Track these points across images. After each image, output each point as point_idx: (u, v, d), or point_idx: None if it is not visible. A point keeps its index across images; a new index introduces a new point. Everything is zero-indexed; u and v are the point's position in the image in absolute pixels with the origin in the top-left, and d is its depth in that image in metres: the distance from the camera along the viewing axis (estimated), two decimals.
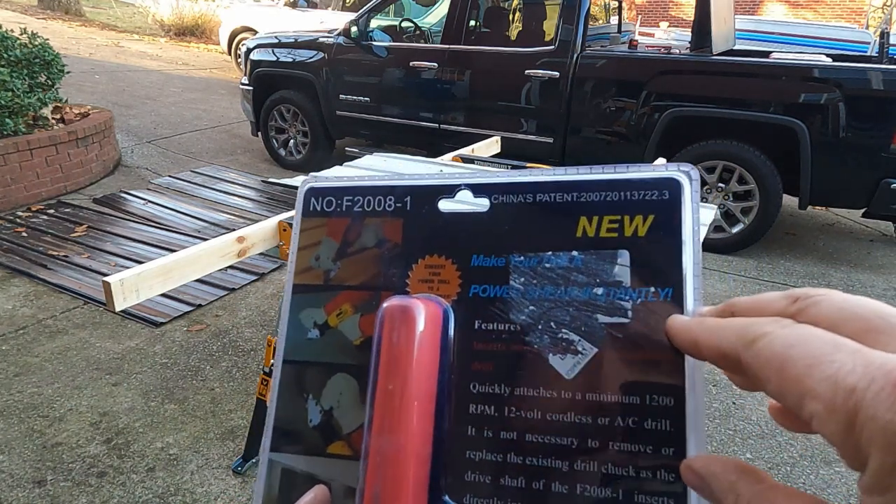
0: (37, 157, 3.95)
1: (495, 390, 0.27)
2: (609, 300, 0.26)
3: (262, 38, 5.46)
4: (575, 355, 0.26)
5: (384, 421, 0.26)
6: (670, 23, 11.80)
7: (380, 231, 0.31)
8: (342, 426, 0.29)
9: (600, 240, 0.27)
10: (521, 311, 0.27)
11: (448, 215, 0.30)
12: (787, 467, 2.11)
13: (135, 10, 14.78)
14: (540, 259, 0.28)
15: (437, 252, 0.30)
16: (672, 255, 0.26)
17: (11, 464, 1.94)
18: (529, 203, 0.29)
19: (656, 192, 0.27)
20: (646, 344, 0.26)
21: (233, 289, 3.12)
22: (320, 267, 0.32)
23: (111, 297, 1.32)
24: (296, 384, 0.30)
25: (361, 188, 0.32)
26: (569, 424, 0.26)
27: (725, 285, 3.51)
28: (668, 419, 0.25)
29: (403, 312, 0.27)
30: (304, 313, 0.31)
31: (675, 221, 0.27)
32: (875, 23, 11.34)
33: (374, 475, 0.25)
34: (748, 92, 3.66)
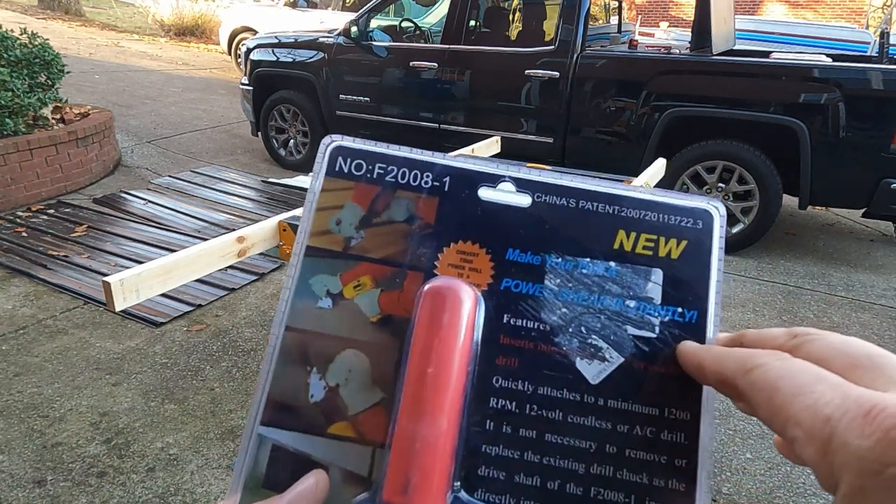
0: (37, 157, 3.95)
1: (518, 387, 0.27)
2: (639, 314, 0.27)
3: (262, 38, 5.46)
4: (602, 362, 0.27)
5: (422, 405, 0.25)
6: (670, 23, 11.80)
7: (412, 206, 0.30)
8: (348, 406, 0.27)
9: (636, 255, 0.28)
10: (553, 312, 0.28)
11: (487, 204, 0.29)
12: (788, 467, 2.11)
13: (135, 10, 14.78)
14: (577, 264, 0.28)
15: (471, 239, 0.29)
16: (700, 281, 0.28)
17: (11, 464, 1.94)
18: (572, 207, 0.29)
19: (691, 219, 0.28)
20: (669, 359, 0.27)
21: (233, 289, 3.12)
22: (341, 232, 0.30)
23: (111, 297, 1.32)
24: (298, 354, 0.28)
25: (398, 158, 0.30)
26: (589, 428, 0.26)
27: (725, 285, 3.51)
28: (683, 432, 0.26)
29: (452, 293, 0.26)
30: (316, 279, 0.29)
31: (705, 249, 0.28)
32: (875, 23, 11.34)
33: (406, 461, 0.24)
34: (748, 92, 3.66)
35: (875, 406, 0.20)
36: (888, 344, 2.94)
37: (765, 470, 2.09)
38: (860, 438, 0.19)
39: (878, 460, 0.18)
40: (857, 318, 3.19)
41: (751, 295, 3.40)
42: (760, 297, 3.37)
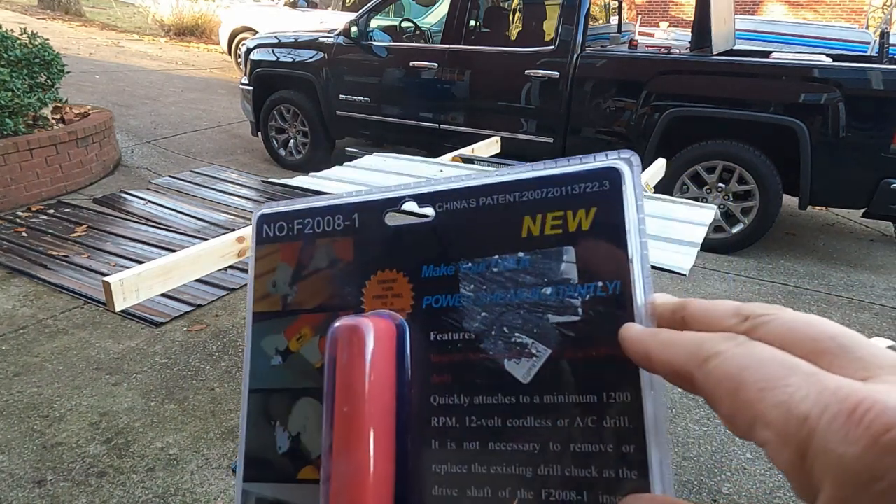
0: (37, 157, 3.95)
1: (455, 401, 0.27)
2: (558, 299, 0.26)
3: (262, 38, 5.46)
4: (529, 359, 0.26)
5: (342, 444, 0.25)
6: (670, 23, 11.80)
7: (331, 251, 0.30)
8: (310, 450, 0.29)
9: (545, 238, 0.27)
10: (474, 319, 0.27)
11: (395, 228, 0.30)
12: None
13: (135, 10, 14.79)
14: (488, 264, 0.27)
15: (388, 266, 0.29)
16: (617, 248, 0.25)
17: (11, 464, 1.94)
18: (473, 207, 0.28)
19: (596, 183, 0.26)
20: (598, 340, 0.25)
21: (233, 289, 3.12)
22: (277, 292, 0.31)
23: (111, 297, 1.32)
24: (262, 412, 0.30)
25: (310, 210, 0.31)
26: (529, 429, 0.25)
27: (725, 285, 3.51)
28: (626, 416, 0.24)
29: (352, 333, 0.26)
30: (266, 340, 0.31)
31: (617, 212, 0.26)
32: (875, 23, 11.34)
33: (336, 499, 0.25)
34: (748, 92, 3.66)
35: (861, 403, 0.17)
36: None
37: (765, 470, 2.09)
38: (845, 444, 0.16)
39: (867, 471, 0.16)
40: (857, 318, 3.19)
41: (751, 295, 3.40)
42: (760, 297, 3.37)
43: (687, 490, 1.99)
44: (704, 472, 2.08)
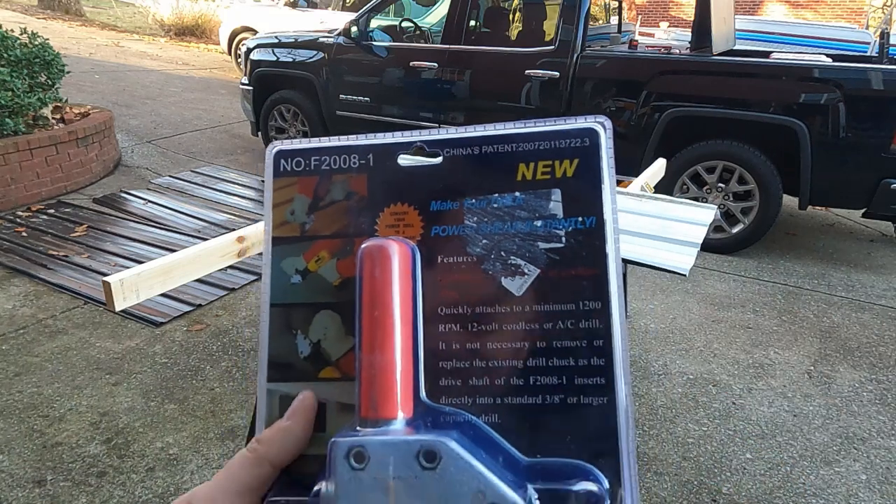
0: (37, 156, 3.95)
1: (459, 311, 0.32)
2: (547, 230, 0.32)
3: (262, 38, 5.46)
4: (522, 276, 0.32)
5: (373, 341, 0.30)
6: (670, 23, 11.80)
7: (347, 185, 0.35)
8: (331, 354, 0.33)
9: (537, 182, 0.33)
10: (477, 245, 0.33)
11: (407, 168, 0.34)
12: (787, 467, 2.11)
13: (135, 10, 14.79)
14: (488, 200, 0.33)
15: (400, 200, 0.34)
16: (594, 191, 0.32)
17: (11, 464, 1.94)
18: (476, 154, 0.33)
19: (579, 139, 0.33)
20: (577, 262, 0.32)
21: (233, 289, 3.12)
22: (295, 221, 0.35)
23: (111, 297, 1.32)
24: (284, 323, 0.34)
25: (327, 148, 0.35)
26: (521, 331, 0.31)
27: (725, 285, 3.51)
28: (597, 319, 0.31)
29: (380, 250, 0.31)
30: (286, 262, 0.35)
31: (595, 163, 0.32)
32: (875, 23, 11.34)
33: (370, 385, 0.30)
34: (748, 92, 3.66)
35: None
36: (888, 344, 2.94)
37: (765, 470, 2.09)
38: None
39: None
40: (857, 319, 3.19)
41: (751, 295, 3.40)
42: (760, 297, 3.37)
43: (687, 490, 1.99)
44: (704, 472, 2.08)
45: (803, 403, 2.46)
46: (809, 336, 2.99)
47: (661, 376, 2.59)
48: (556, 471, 0.30)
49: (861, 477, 2.08)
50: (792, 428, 2.31)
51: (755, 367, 2.70)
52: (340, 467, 0.28)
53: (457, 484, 0.28)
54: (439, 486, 0.28)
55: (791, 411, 2.41)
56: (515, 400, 0.31)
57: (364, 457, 0.28)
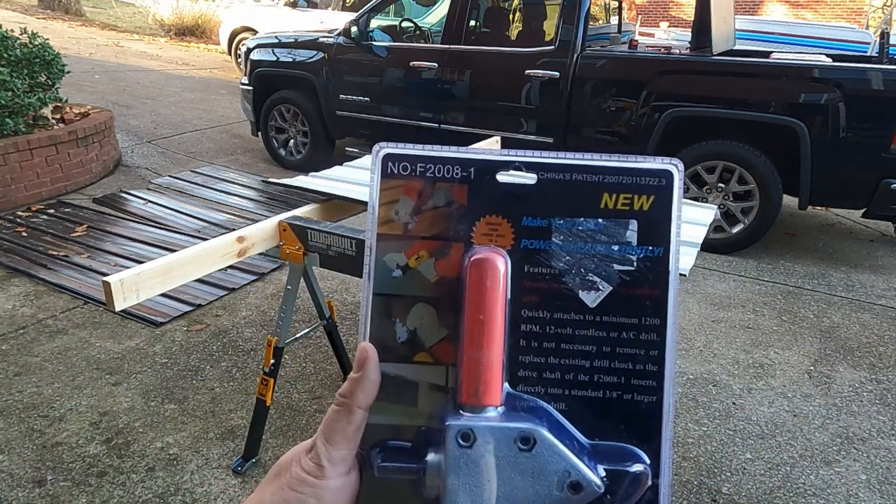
0: (37, 156, 3.95)
1: (540, 315, 0.37)
2: (621, 254, 0.37)
3: (262, 38, 5.46)
4: (597, 291, 0.37)
5: (477, 340, 0.36)
6: (670, 23, 11.80)
7: (449, 194, 0.38)
8: (425, 341, 0.38)
9: (617, 211, 0.37)
10: (560, 260, 0.37)
11: (504, 185, 0.38)
12: (787, 467, 2.11)
13: (135, 10, 14.79)
14: (574, 223, 0.38)
15: (495, 213, 0.38)
16: (664, 225, 0.37)
17: (11, 464, 1.94)
18: (567, 180, 0.38)
19: (657, 178, 0.37)
20: (644, 283, 0.37)
21: (233, 289, 3.12)
22: (399, 220, 0.39)
23: (111, 296, 1.32)
24: (385, 311, 0.38)
25: (433, 157, 0.39)
26: (591, 337, 0.37)
27: (725, 285, 3.51)
28: (655, 332, 0.37)
29: (489, 262, 0.36)
30: (388, 257, 0.39)
31: (667, 201, 0.37)
32: (875, 23, 11.33)
33: (472, 377, 0.35)
34: (748, 92, 3.66)
35: None
36: (888, 344, 2.94)
37: (765, 470, 2.09)
38: None
39: None
40: (858, 319, 3.19)
41: (751, 295, 3.40)
42: (760, 297, 3.37)
43: (687, 490, 1.99)
44: (704, 472, 2.08)
45: (803, 403, 2.46)
46: (809, 336, 2.99)
47: None
48: (614, 453, 0.36)
49: (861, 477, 2.08)
50: (792, 428, 2.31)
51: (755, 367, 2.70)
52: (451, 444, 0.34)
53: (547, 464, 0.34)
54: (533, 466, 0.34)
55: (791, 411, 2.41)
56: (581, 393, 0.37)
57: (470, 437, 0.34)
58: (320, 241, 1.71)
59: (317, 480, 0.35)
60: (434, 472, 0.34)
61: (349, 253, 1.68)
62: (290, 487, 0.35)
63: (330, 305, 2.20)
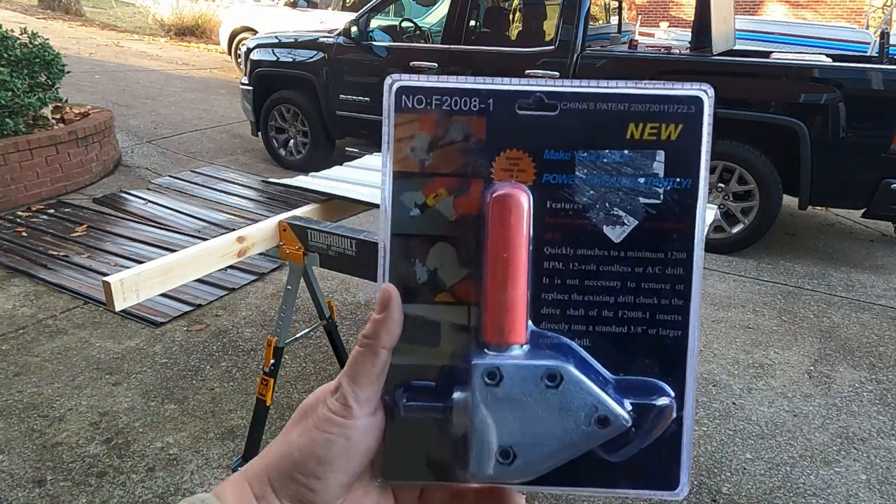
0: (37, 156, 3.95)
1: (563, 251, 0.36)
2: (648, 187, 0.36)
3: (262, 38, 5.46)
4: (622, 226, 0.36)
5: (501, 278, 0.35)
6: (670, 23, 11.80)
7: (466, 127, 0.37)
8: (446, 281, 0.37)
9: (644, 141, 0.36)
10: (584, 195, 0.36)
11: (524, 116, 0.36)
12: (787, 467, 2.11)
13: (135, 10, 14.79)
14: (598, 155, 0.36)
15: (515, 146, 0.36)
16: (693, 155, 0.36)
17: (11, 464, 1.94)
18: (591, 109, 0.36)
19: (686, 106, 0.36)
20: (671, 217, 0.36)
21: (233, 289, 3.12)
22: (416, 157, 0.37)
23: (111, 296, 1.32)
24: (403, 252, 0.37)
25: (448, 89, 0.37)
26: (616, 272, 0.36)
27: (725, 285, 3.51)
28: (681, 266, 0.36)
29: (512, 199, 0.35)
30: (405, 195, 0.37)
31: (697, 130, 0.36)
32: (875, 23, 11.33)
33: (497, 315, 0.35)
34: (748, 92, 3.66)
35: None
36: (888, 344, 2.94)
37: (765, 470, 2.09)
38: None
39: None
40: (857, 319, 3.19)
41: (751, 295, 3.40)
42: (760, 297, 3.37)
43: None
44: (704, 472, 2.08)
45: (803, 403, 2.46)
46: (809, 336, 2.99)
47: None
48: (639, 387, 0.36)
49: (861, 477, 2.08)
50: (792, 428, 2.31)
51: (755, 367, 2.70)
52: (477, 383, 0.34)
53: (574, 400, 0.34)
54: (560, 402, 0.34)
55: (791, 411, 2.41)
56: (605, 329, 0.36)
57: (497, 375, 0.34)
58: (320, 241, 1.71)
59: (344, 420, 0.35)
60: (461, 409, 0.34)
61: (349, 253, 1.68)
62: (317, 428, 0.35)
63: (330, 305, 2.20)
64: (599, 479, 0.36)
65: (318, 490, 0.35)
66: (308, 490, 0.35)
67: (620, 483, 0.36)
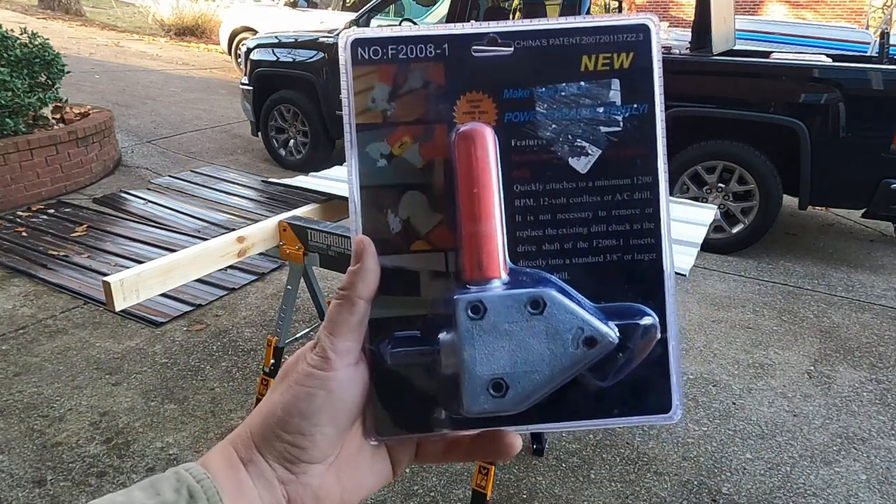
0: (37, 156, 3.95)
1: (532, 188, 0.37)
2: (607, 115, 0.37)
3: (262, 38, 5.46)
4: (586, 156, 0.37)
5: (475, 213, 0.35)
6: (670, 23, 11.80)
7: (424, 74, 0.37)
8: (419, 229, 0.37)
9: (598, 72, 0.37)
10: (546, 129, 0.37)
11: (481, 58, 0.37)
12: (787, 467, 2.11)
13: (135, 10, 14.79)
14: (556, 89, 0.37)
15: (475, 89, 0.37)
16: (647, 81, 0.37)
17: (11, 464, 1.94)
18: (545, 45, 0.37)
19: (633, 34, 0.37)
20: (632, 143, 0.37)
21: (233, 289, 3.12)
22: (377, 108, 0.37)
23: (111, 296, 1.32)
24: (374, 203, 0.37)
25: (403, 38, 0.37)
26: (586, 203, 0.37)
27: (725, 285, 3.51)
28: (648, 190, 0.37)
29: (477, 133, 0.36)
30: (370, 147, 0.37)
31: (647, 56, 0.37)
32: (875, 23, 11.33)
33: (474, 251, 0.35)
34: (748, 92, 3.66)
35: None
36: (888, 344, 2.94)
37: (765, 470, 2.09)
38: None
39: None
40: (857, 319, 3.19)
41: (751, 295, 3.40)
42: (760, 297, 3.37)
43: (687, 490, 1.99)
44: (704, 472, 2.08)
45: (803, 403, 2.46)
46: (809, 336, 2.99)
47: None
48: (621, 311, 0.36)
49: (861, 477, 2.08)
50: (792, 428, 2.31)
51: (755, 367, 2.70)
52: (461, 317, 0.34)
53: (560, 324, 0.34)
54: (546, 327, 0.34)
55: (791, 411, 2.41)
56: (581, 260, 0.37)
57: (480, 309, 0.34)
58: (320, 241, 1.71)
59: (323, 373, 0.34)
60: (448, 349, 0.34)
61: (349, 253, 1.67)
62: (297, 384, 0.34)
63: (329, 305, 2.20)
64: (594, 412, 0.36)
65: (306, 447, 0.34)
66: (295, 447, 0.34)
67: (615, 412, 0.36)
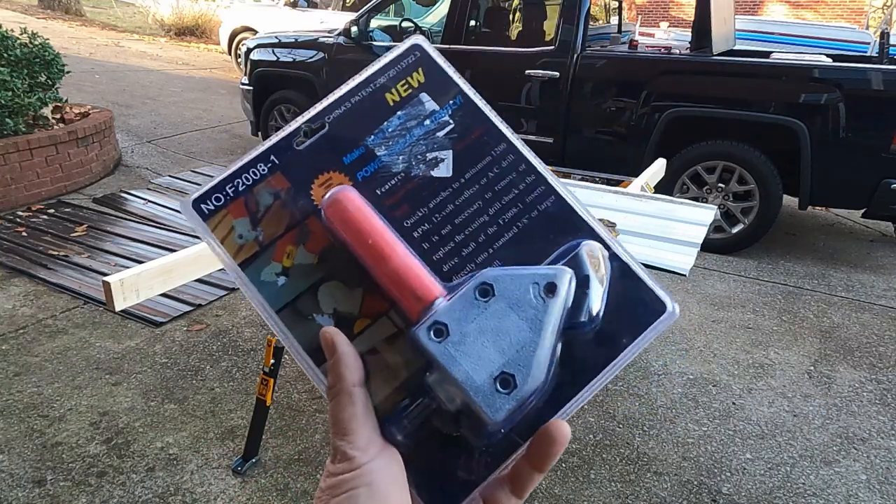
0: (37, 156, 3.95)
1: (419, 214, 0.38)
2: (436, 122, 0.40)
3: (262, 38, 5.46)
4: (443, 161, 0.39)
5: (380, 258, 0.36)
6: (670, 23, 11.79)
7: (270, 189, 0.39)
8: (351, 311, 0.38)
9: (406, 98, 0.40)
10: (397, 164, 0.39)
11: (305, 147, 0.40)
12: (787, 467, 2.11)
13: (135, 10, 14.78)
14: (383, 131, 0.40)
15: (318, 172, 0.39)
16: (446, 80, 0.41)
17: (11, 464, 1.94)
18: (351, 106, 0.40)
19: (412, 56, 0.41)
20: (469, 129, 0.40)
21: (233, 289, 3.12)
22: (247, 239, 0.39)
23: (111, 296, 1.32)
24: (297, 317, 0.38)
25: (234, 173, 0.39)
26: (471, 195, 0.39)
27: (725, 285, 3.51)
28: (510, 154, 0.40)
29: (339, 195, 0.37)
30: (264, 273, 0.38)
31: (433, 63, 0.41)
32: (875, 23, 11.34)
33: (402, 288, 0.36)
34: (748, 92, 3.66)
35: None
36: (888, 344, 2.94)
37: (765, 470, 2.09)
38: None
39: None
40: (858, 319, 3.19)
41: (751, 295, 3.40)
42: (760, 298, 3.37)
43: (687, 490, 1.99)
44: (704, 472, 2.08)
45: (803, 403, 2.46)
46: (809, 336, 2.99)
47: (661, 376, 2.59)
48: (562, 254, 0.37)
49: (861, 477, 2.08)
50: (792, 428, 2.31)
51: (755, 367, 2.70)
52: (429, 345, 0.34)
53: (515, 291, 0.35)
54: (506, 303, 0.34)
55: (791, 411, 2.41)
56: (500, 242, 0.38)
57: (440, 328, 0.34)
58: None
59: (355, 472, 0.32)
60: (438, 383, 0.34)
61: None
62: (332, 496, 0.32)
63: None
64: (610, 353, 0.36)
65: None
66: None
67: (625, 342, 0.36)
